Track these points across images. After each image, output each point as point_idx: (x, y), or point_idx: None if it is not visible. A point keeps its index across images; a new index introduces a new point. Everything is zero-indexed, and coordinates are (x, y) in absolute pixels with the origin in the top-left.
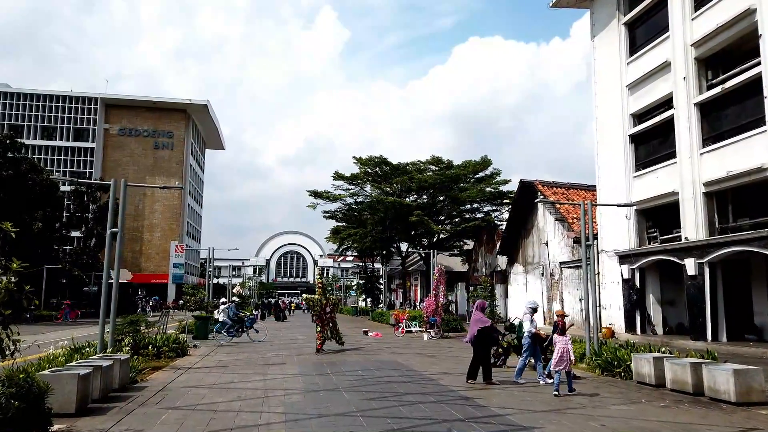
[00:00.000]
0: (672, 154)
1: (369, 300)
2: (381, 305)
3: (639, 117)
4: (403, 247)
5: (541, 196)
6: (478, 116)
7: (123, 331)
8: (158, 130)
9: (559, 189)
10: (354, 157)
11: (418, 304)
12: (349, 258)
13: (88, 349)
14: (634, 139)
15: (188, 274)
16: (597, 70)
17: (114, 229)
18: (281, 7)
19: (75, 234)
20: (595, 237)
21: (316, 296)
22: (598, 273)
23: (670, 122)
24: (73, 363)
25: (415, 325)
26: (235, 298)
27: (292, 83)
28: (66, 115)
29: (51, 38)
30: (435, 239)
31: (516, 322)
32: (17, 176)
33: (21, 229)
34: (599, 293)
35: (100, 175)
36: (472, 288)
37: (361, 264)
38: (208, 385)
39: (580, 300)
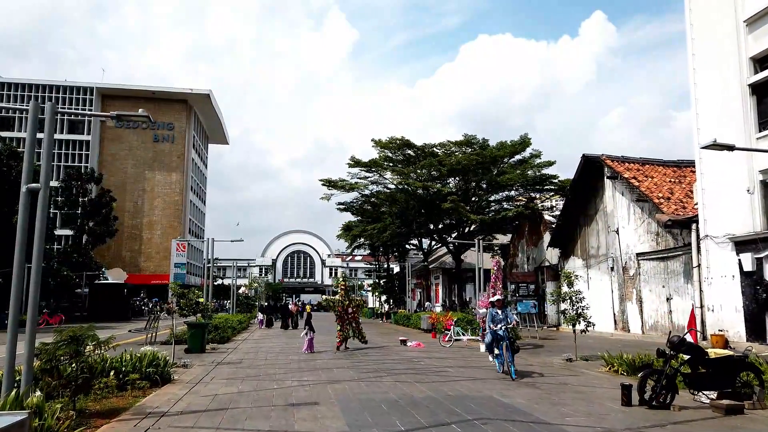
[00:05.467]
0: None
1: (391, 301)
2: (410, 306)
3: (761, 61)
4: (425, 242)
5: (608, 172)
6: (487, 114)
7: (54, 355)
8: (158, 122)
9: (632, 164)
10: (373, 140)
11: (438, 305)
12: (358, 257)
13: None
14: (757, 89)
15: (191, 274)
16: (693, 8)
17: (33, 185)
18: (291, 8)
19: (64, 232)
20: (694, 220)
21: (338, 297)
22: (699, 265)
23: None
24: None
25: (460, 332)
26: (497, 297)
27: (301, 84)
28: (60, 105)
29: (61, 42)
30: (468, 230)
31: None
32: None
33: None
34: (702, 290)
35: (97, 170)
36: (513, 287)
37: (374, 263)
38: None
39: (667, 300)
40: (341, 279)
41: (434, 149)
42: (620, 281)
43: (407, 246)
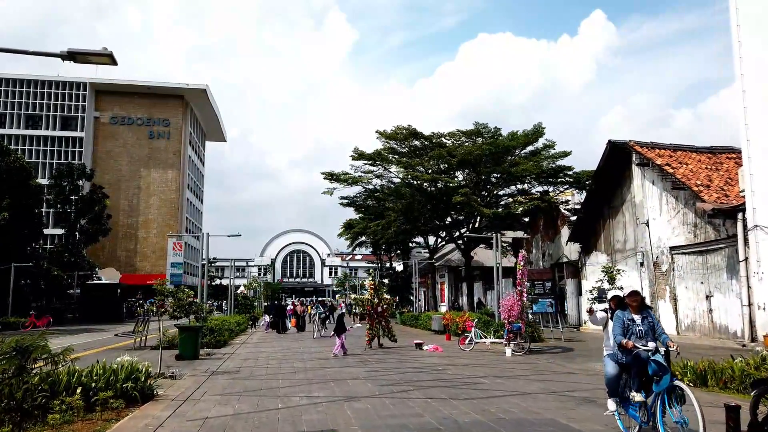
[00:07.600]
0: None
1: (397, 301)
2: (420, 307)
3: None
4: (430, 238)
5: (637, 159)
6: (487, 114)
7: None
8: (153, 118)
9: (663, 151)
10: (377, 131)
11: (444, 304)
12: (359, 256)
13: None
14: None
15: (188, 274)
16: None
17: None
18: (291, 8)
19: (56, 231)
20: (740, 208)
21: (367, 296)
22: (746, 258)
23: None
24: None
25: (480, 334)
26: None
27: (301, 84)
28: (52, 102)
29: (60, 42)
30: (477, 225)
31: None
32: None
33: None
34: (749, 287)
35: (91, 167)
36: (528, 284)
37: (376, 262)
38: None
39: (707, 297)
40: (370, 278)
41: (443, 139)
42: (651, 277)
43: (411, 243)
